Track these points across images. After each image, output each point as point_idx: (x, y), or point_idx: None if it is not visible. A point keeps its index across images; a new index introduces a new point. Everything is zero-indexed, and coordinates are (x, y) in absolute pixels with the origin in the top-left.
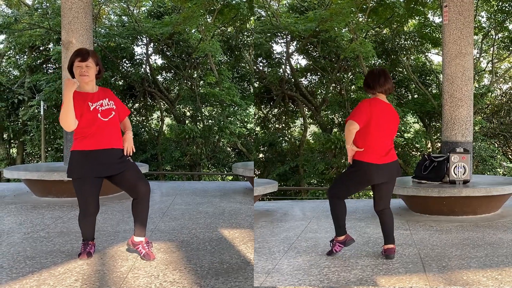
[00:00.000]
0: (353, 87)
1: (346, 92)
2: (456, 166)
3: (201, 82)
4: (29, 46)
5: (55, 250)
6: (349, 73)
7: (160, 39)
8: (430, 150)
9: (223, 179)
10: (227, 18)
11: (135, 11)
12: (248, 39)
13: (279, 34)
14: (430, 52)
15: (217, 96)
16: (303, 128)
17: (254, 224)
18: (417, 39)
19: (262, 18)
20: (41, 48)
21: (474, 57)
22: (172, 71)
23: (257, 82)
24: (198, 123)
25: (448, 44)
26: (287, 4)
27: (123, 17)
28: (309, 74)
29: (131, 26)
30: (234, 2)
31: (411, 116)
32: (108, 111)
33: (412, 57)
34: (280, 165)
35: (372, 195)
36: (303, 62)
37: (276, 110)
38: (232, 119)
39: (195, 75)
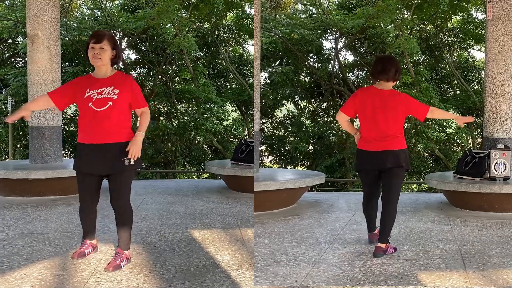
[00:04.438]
0: (397, 82)
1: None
2: (496, 162)
3: (176, 78)
4: None
5: (13, 253)
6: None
7: (133, 33)
8: (471, 145)
9: (198, 177)
10: (203, 13)
11: (108, 5)
12: (225, 35)
13: (329, 30)
14: (472, 49)
15: (193, 93)
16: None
17: (254, 222)
18: (460, 36)
19: (314, 15)
20: (9, 41)
21: None
22: (146, 66)
23: (308, 77)
24: (173, 120)
25: (491, 40)
26: (336, 2)
27: (96, 11)
28: (356, 69)
29: (104, 20)
30: None
31: (453, 111)
32: (104, 100)
33: (455, 54)
34: (328, 157)
35: (413, 188)
36: (351, 58)
37: (325, 104)
38: (208, 116)
39: (170, 71)
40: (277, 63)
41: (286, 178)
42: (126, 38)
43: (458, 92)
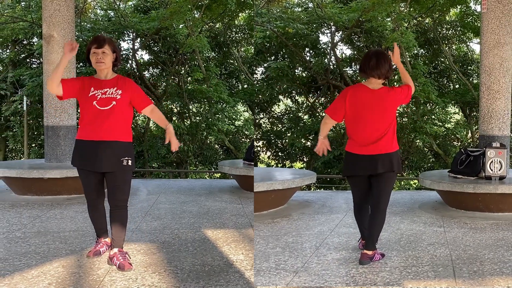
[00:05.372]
0: (396, 76)
1: (389, 82)
2: (492, 161)
3: (189, 78)
4: (12, 40)
5: (30, 251)
6: (393, 63)
7: (146, 34)
8: (471, 140)
9: (210, 176)
10: (215, 13)
11: (121, 6)
12: (237, 35)
13: (324, 24)
14: (471, 42)
15: (205, 93)
16: None
17: (254, 224)
18: (458, 29)
19: (309, 8)
20: (24, 42)
21: None
22: (159, 67)
23: (304, 72)
24: (185, 120)
25: (486, 34)
26: None
27: (109, 12)
28: (353, 64)
29: (117, 20)
30: None
31: (452, 106)
32: (108, 100)
33: (453, 47)
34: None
35: (406, 187)
36: (348, 52)
37: (323, 99)
38: (220, 116)
39: (183, 71)
40: (272, 58)
41: (275, 178)
42: (139, 39)
43: (457, 86)
